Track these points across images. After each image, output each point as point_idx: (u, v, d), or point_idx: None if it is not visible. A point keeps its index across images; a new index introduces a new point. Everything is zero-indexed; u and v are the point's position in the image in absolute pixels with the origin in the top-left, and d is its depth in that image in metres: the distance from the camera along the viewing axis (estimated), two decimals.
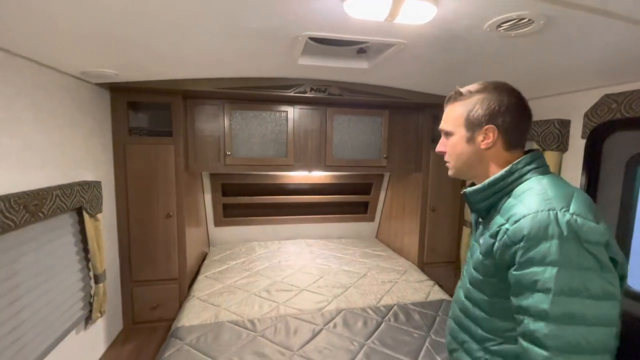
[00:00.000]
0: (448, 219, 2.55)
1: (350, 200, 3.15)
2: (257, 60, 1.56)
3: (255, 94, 2.04)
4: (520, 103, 0.73)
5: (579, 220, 0.60)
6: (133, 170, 2.03)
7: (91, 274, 1.71)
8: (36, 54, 1.27)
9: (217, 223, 2.96)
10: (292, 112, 2.30)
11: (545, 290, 0.59)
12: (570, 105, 1.71)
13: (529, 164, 0.72)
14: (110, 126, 1.97)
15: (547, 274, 0.59)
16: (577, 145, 1.66)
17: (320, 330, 1.66)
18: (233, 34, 1.17)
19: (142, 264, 2.11)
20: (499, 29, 1.00)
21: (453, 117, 0.77)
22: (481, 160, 0.76)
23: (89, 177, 1.71)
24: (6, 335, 1.18)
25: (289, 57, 1.49)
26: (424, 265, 2.56)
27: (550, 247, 0.59)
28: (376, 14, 0.96)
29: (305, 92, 2.03)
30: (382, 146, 2.46)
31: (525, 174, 0.71)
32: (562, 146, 1.71)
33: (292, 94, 2.02)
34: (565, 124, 1.70)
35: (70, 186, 1.46)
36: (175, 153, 2.07)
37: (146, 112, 2.30)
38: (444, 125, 0.80)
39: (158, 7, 0.94)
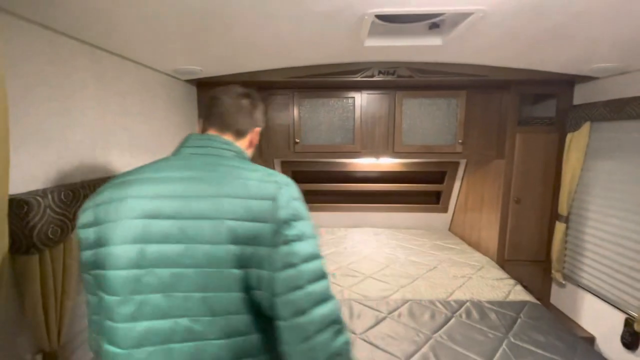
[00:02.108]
0: (536, 212, 2.24)
1: (421, 189, 3.00)
2: (323, 46, 1.57)
3: (323, 82, 2.06)
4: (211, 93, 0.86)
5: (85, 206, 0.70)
6: None
7: None
8: (141, 56, 1.49)
9: None
10: (360, 98, 2.27)
11: None
12: None
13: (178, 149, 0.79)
14: (196, 118, 2.22)
15: None
16: None
17: (384, 317, 1.64)
18: (299, 18, 1.19)
19: None
20: None
21: None
22: None
23: None
24: None
25: (355, 40, 1.46)
26: (505, 263, 2.31)
27: None
28: None
29: (372, 76, 1.98)
30: (457, 130, 2.26)
31: None
32: None
33: (359, 78, 1.99)
34: None
35: None
36: None
37: None
38: None
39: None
